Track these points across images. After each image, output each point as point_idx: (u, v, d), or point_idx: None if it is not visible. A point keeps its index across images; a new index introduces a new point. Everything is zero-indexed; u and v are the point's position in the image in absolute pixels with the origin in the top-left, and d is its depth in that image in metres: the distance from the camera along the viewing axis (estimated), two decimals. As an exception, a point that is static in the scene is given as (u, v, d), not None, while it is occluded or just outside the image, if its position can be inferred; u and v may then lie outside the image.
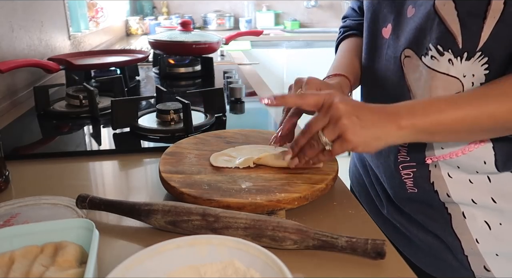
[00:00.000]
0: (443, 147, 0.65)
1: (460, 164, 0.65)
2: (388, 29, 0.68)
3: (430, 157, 0.66)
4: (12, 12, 1.14)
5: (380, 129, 0.55)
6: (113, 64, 1.33)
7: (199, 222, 0.51)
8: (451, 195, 0.66)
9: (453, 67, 0.59)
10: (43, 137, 0.91)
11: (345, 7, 3.24)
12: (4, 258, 0.44)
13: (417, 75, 0.63)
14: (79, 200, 0.56)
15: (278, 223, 0.50)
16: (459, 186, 0.66)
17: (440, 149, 0.65)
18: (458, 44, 0.58)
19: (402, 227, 0.74)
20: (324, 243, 0.48)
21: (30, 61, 1.12)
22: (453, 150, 0.64)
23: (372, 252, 0.47)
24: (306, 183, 0.59)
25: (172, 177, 0.62)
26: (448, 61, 0.60)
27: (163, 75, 1.44)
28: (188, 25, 1.52)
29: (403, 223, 0.73)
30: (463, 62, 0.59)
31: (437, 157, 0.65)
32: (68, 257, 0.43)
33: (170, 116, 0.90)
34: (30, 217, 0.56)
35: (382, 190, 0.77)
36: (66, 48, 1.56)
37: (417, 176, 0.68)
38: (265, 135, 0.78)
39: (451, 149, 0.64)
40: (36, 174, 0.73)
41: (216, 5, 3.45)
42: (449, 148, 0.64)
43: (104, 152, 0.83)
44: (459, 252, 0.67)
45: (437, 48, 0.60)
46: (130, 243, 0.53)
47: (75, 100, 1.04)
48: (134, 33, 2.92)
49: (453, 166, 0.65)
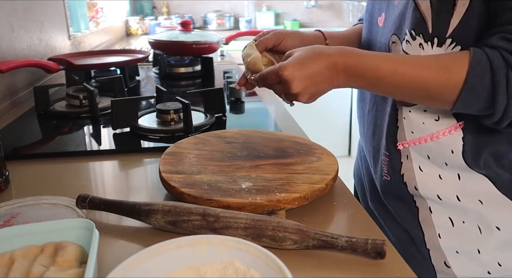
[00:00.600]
0: (413, 131, 0.66)
1: (430, 152, 0.66)
2: (382, 18, 0.71)
3: (401, 142, 0.68)
4: (12, 12, 1.14)
5: (320, 77, 0.61)
6: (113, 64, 1.33)
7: (199, 222, 0.51)
8: (419, 188, 0.68)
9: (424, 51, 0.61)
10: (43, 138, 0.91)
11: (345, 7, 3.24)
12: (4, 258, 0.44)
13: None
14: (79, 200, 0.56)
15: (278, 223, 0.50)
16: (427, 180, 0.67)
17: (410, 133, 0.67)
18: (428, 29, 0.60)
19: (381, 218, 0.76)
20: (324, 243, 0.48)
21: (30, 61, 1.12)
22: (422, 136, 0.66)
23: (372, 252, 0.47)
24: (306, 183, 0.59)
25: (172, 177, 0.62)
26: (419, 45, 0.62)
27: (163, 75, 1.44)
28: (188, 25, 1.52)
29: (381, 214, 0.76)
30: (434, 48, 0.61)
31: (408, 142, 0.67)
32: (68, 257, 0.43)
33: (170, 116, 0.90)
34: (30, 217, 0.56)
35: (369, 179, 0.80)
36: (66, 48, 1.56)
37: (389, 165, 0.70)
38: (265, 136, 0.78)
39: (420, 134, 0.66)
40: (36, 174, 0.73)
41: (216, 5, 3.45)
42: (418, 133, 0.66)
43: (104, 152, 0.83)
44: (422, 245, 0.69)
45: (411, 32, 0.62)
46: (130, 243, 0.53)
47: (75, 100, 1.04)
48: (134, 33, 2.92)
49: (424, 156, 0.67)
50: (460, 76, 0.55)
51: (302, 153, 0.70)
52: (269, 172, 0.63)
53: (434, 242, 0.68)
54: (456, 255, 0.67)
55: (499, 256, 0.66)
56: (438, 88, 0.57)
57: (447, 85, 0.56)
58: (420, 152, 0.67)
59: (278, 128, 0.94)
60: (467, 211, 0.66)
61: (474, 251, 0.66)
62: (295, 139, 0.76)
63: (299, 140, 0.76)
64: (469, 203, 0.65)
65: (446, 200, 0.66)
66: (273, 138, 0.77)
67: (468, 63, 0.54)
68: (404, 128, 0.67)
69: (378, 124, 0.73)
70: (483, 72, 0.54)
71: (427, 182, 0.67)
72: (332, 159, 0.68)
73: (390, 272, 0.47)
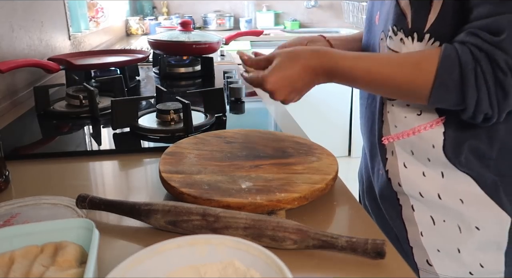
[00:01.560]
0: (396, 125, 0.68)
1: (413, 147, 0.67)
2: (378, 16, 0.73)
3: (386, 136, 0.70)
4: (12, 12, 1.14)
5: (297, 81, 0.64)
6: (113, 64, 1.33)
7: (199, 222, 0.51)
8: (402, 185, 0.68)
9: (405, 46, 0.63)
10: (43, 138, 0.91)
11: (345, 7, 3.24)
12: (4, 258, 0.44)
13: None
14: (79, 200, 0.56)
15: (278, 223, 0.50)
16: (411, 177, 0.68)
17: (394, 127, 0.69)
18: (408, 24, 0.62)
19: (373, 214, 0.78)
20: (324, 243, 0.48)
21: (30, 61, 1.12)
22: (405, 130, 0.67)
23: (372, 252, 0.47)
24: (306, 183, 0.59)
25: (172, 177, 0.62)
26: (400, 40, 0.64)
27: (163, 75, 1.44)
28: (188, 25, 1.52)
29: (374, 210, 0.78)
30: (415, 43, 0.62)
31: (392, 137, 0.69)
32: (68, 257, 0.43)
33: (170, 116, 0.90)
34: (30, 217, 0.56)
35: (367, 176, 0.81)
36: (66, 48, 1.56)
37: (377, 160, 0.72)
38: (265, 136, 0.78)
39: (403, 128, 0.67)
40: (36, 174, 0.73)
41: (216, 5, 3.45)
42: (401, 127, 0.68)
43: (104, 152, 0.83)
44: (405, 243, 0.70)
45: (393, 28, 0.64)
46: (130, 243, 0.53)
47: (75, 100, 1.04)
48: (134, 33, 2.92)
49: (408, 151, 0.68)
50: (431, 72, 0.56)
51: (302, 153, 0.70)
52: (269, 172, 0.63)
53: (417, 240, 0.69)
54: (437, 254, 0.67)
55: (480, 256, 0.66)
56: (411, 85, 0.58)
57: (418, 82, 0.57)
58: (404, 147, 0.68)
59: (278, 128, 0.94)
60: (447, 210, 0.66)
61: (454, 250, 0.66)
62: (295, 139, 0.76)
63: (299, 140, 0.76)
64: (450, 201, 0.66)
65: (427, 197, 0.67)
66: (273, 138, 0.77)
67: (438, 60, 0.55)
68: (389, 122, 0.69)
69: (373, 120, 0.74)
70: (452, 67, 0.55)
71: (411, 179, 0.68)
72: (332, 159, 0.68)
73: (390, 272, 0.47)
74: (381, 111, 0.70)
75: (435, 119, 0.64)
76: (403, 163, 0.68)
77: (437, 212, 0.67)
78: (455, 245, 0.66)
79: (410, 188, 0.68)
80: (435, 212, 0.67)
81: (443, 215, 0.67)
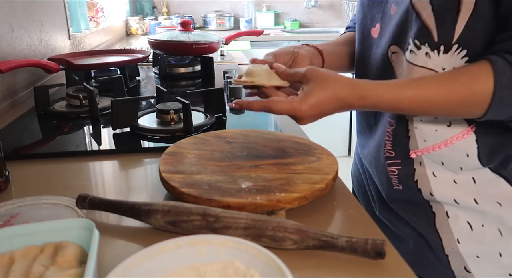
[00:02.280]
0: (426, 140, 0.65)
1: (444, 158, 0.65)
2: (376, 29, 0.70)
3: (414, 150, 0.67)
4: (12, 12, 1.14)
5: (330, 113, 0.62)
6: (113, 64, 1.33)
7: (199, 222, 0.51)
8: (434, 194, 0.67)
9: (431, 60, 0.60)
10: (43, 138, 0.91)
11: (345, 7, 3.24)
12: (4, 258, 0.44)
13: (402, 70, 0.65)
14: (79, 200, 0.56)
15: (278, 223, 0.50)
16: (442, 186, 0.66)
17: (423, 141, 0.66)
18: (433, 38, 0.59)
19: (392, 224, 0.75)
20: (324, 243, 0.48)
21: (30, 61, 1.12)
22: (436, 143, 0.65)
23: (372, 252, 0.47)
24: (306, 183, 0.59)
25: (172, 177, 0.62)
26: (425, 54, 0.61)
27: (163, 75, 1.44)
28: (188, 25, 1.52)
29: (392, 220, 0.74)
30: (441, 56, 0.59)
31: (421, 150, 0.66)
32: (68, 257, 0.43)
33: (170, 116, 0.90)
34: (30, 217, 0.56)
35: (374, 188, 0.78)
36: (66, 48, 1.56)
37: (401, 174, 0.69)
38: (265, 136, 0.78)
39: (433, 142, 0.65)
40: (36, 174, 0.73)
41: (216, 5, 3.45)
42: (431, 140, 0.65)
43: (104, 152, 0.83)
44: (440, 251, 0.68)
45: (415, 42, 0.61)
46: (130, 243, 0.53)
47: (75, 100, 1.04)
48: (134, 33, 2.92)
49: (437, 162, 0.66)
50: (486, 92, 0.54)
51: (302, 153, 0.70)
52: (269, 172, 0.63)
53: (453, 248, 0.66)
54: (476, 260, 0.66)
55: None
56: (463, 108, 0.57)
57: (474, 102, 0.55)
58: (433, 158, 0.66)
59: (278, 128, 0.94)
60: (485, 214, 0.64)
61: (495, 255, 0.65)
62: (295, 139, 0.76)
63: (299, 140, 0.76)
64: (488, 205, 0.64)
65: (463, 204, 0.65)
66: (273, 138, 0.77)
67: (492, 76, 0.53)
68: (416, 137, 0.66)
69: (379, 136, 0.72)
70: (510, 82, 0.53)
71: (442, 187, 0.66)
72: (332, 159, 0.68)
73: (390, 272, 0.47)
74: (403, 128, 0.67)
75: (465, 129, 0.63)
76: (432, 172, 0.66)
77: (474, 217, 0.65)
78: (497, 249, 0.65)
79: (443, 196, 0.66)
80: (472, 217, 0.65)
81: (481, 219, 0.65)
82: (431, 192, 0.67)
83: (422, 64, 0.61)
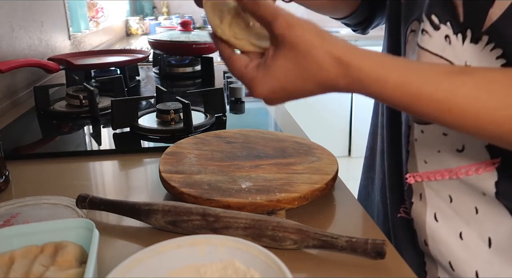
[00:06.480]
0: (427, 161, 0.49)
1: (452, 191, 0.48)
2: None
3: (412, 173, 0.52)
4: (12, 12, 1.14)
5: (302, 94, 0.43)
6: (113, 64, 1.33)
7: (199, 222, 0.51)
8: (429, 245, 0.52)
9: (450, 47, 0.44)
10: (43, 138, 0.91)
11: (345, 7, 3.24)
12: (4, 258, 0.44)
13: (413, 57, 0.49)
14: (79, 200, 0.56)
15: (278, 223, 0.50)
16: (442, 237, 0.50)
17: (423, 162, 0.50)
18: (459, 16, 0.43)
19: None
20: (324, 243, 0.48)
21: (30, 61, 1.12)
22: (439, 169, 0.48)
23: (372, 252, 0.47)
24: (306, 183, 0.59)
25: (172, 177, 0.62)
26: (444, 38, 0.44)
27: (163, 75, 1.44)
28: (188, 25, 1.52)
29: None
30: (466, 44, 0.43)
31: (420, 175, 0.51)
32: (68, 257, 0.43)
33: (170, 116, 0.90)
34: (30, 217, 0.56)
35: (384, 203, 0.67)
36: (66, 48, 1.56)
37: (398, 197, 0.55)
38: (265, 136, 0.78)
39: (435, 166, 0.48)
40: (36, 174, 0.73)
41: (216, 5, 3.45)
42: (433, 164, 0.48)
43: (104, 152, 0.83)
44: None
45: (431, 19, 0.44)
46: (130, 243, 0.53)
47: (75, 100, 1.04)
48: (134, 33, 2.92)
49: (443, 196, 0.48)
50: None
51: (302, 153, 0.70)
52: (269, 172, 0.63)
53: None
54: None
55: None
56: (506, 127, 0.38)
57: None
58: (438, 190, 0.49)
59: (278, 128, 0.94)
60: None
61: None
62: (295, 139, 0.76)
63: (299, 140, 0.76)
64: None
65: (460, 273, 0.48)
66: (273, 138, 0.77)
67: None
68: (416, 154, 0.50)
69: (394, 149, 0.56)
70: None
71: (442, 239, 0.49)
72: (332, 159, 0.68)
73: (390, 272, 0.47)
74: (407, 137, 0.51)
75: (484, 162, 0.45)
76: (434, 213, 0.49)
77: None
78: None
79: (438, 252, 0.49)
80: None
81: None
82: (425, 240, 0.51)
83: (437, 51, 0.45)
